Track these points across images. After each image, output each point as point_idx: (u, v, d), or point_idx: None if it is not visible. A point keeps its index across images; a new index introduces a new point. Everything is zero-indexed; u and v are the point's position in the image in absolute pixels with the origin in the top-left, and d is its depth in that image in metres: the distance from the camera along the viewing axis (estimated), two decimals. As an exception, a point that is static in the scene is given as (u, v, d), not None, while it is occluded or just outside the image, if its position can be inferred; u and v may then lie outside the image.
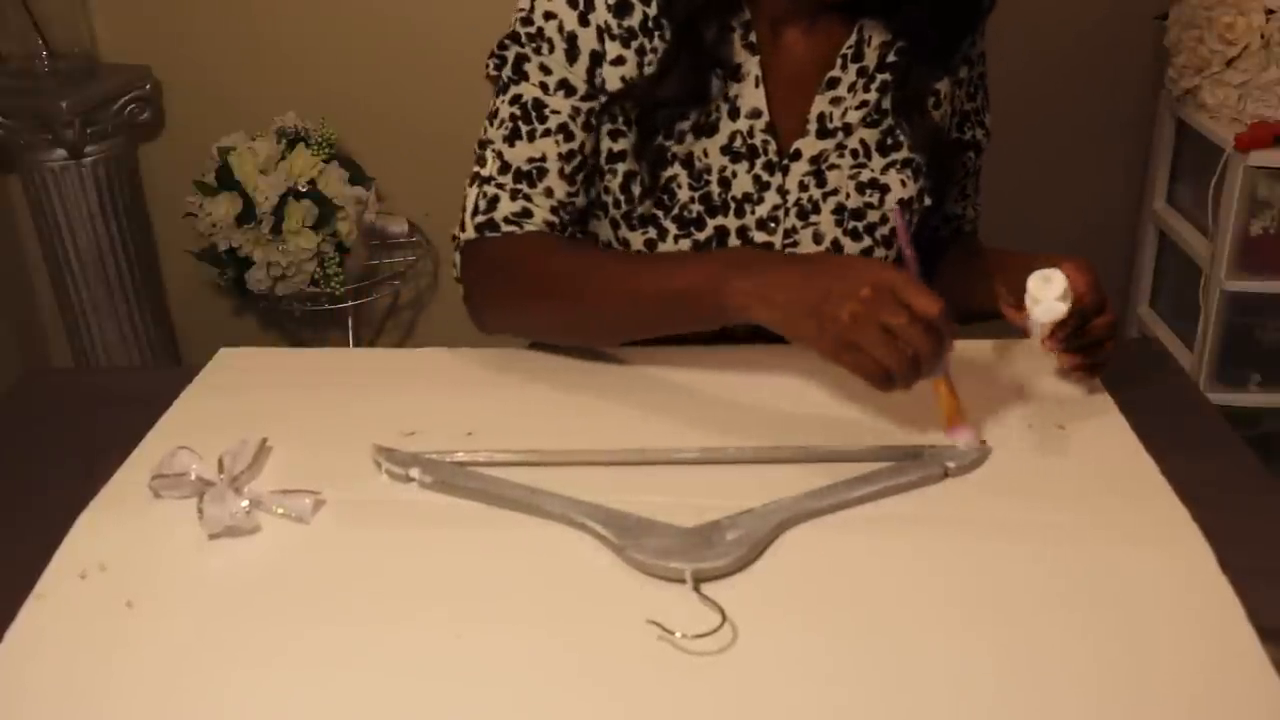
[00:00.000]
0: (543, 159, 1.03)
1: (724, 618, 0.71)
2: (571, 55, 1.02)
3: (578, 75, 1.02)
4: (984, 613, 0.73)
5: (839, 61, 1.05)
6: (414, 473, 0.87)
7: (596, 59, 1.02)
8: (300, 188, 1.96)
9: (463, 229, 1.06)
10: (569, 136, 1.03)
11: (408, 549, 0.80)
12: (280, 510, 0.83)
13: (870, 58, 1.06)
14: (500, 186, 1.04)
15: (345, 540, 0.82)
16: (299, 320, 2.26)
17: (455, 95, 2.11)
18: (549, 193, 1.04)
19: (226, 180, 1.97)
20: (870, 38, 1.05)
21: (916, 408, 0.96)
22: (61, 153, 2.00)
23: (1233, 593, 0.73)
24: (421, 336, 2.35)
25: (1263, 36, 1.76)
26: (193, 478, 0.85)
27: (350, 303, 2.08)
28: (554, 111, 1.03)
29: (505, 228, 1.03)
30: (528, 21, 1.03)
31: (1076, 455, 0.90)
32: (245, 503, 0.82)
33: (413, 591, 0.77)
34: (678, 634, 0.70)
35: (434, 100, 2.07)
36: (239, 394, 1.00)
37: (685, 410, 0.96)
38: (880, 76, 1.06)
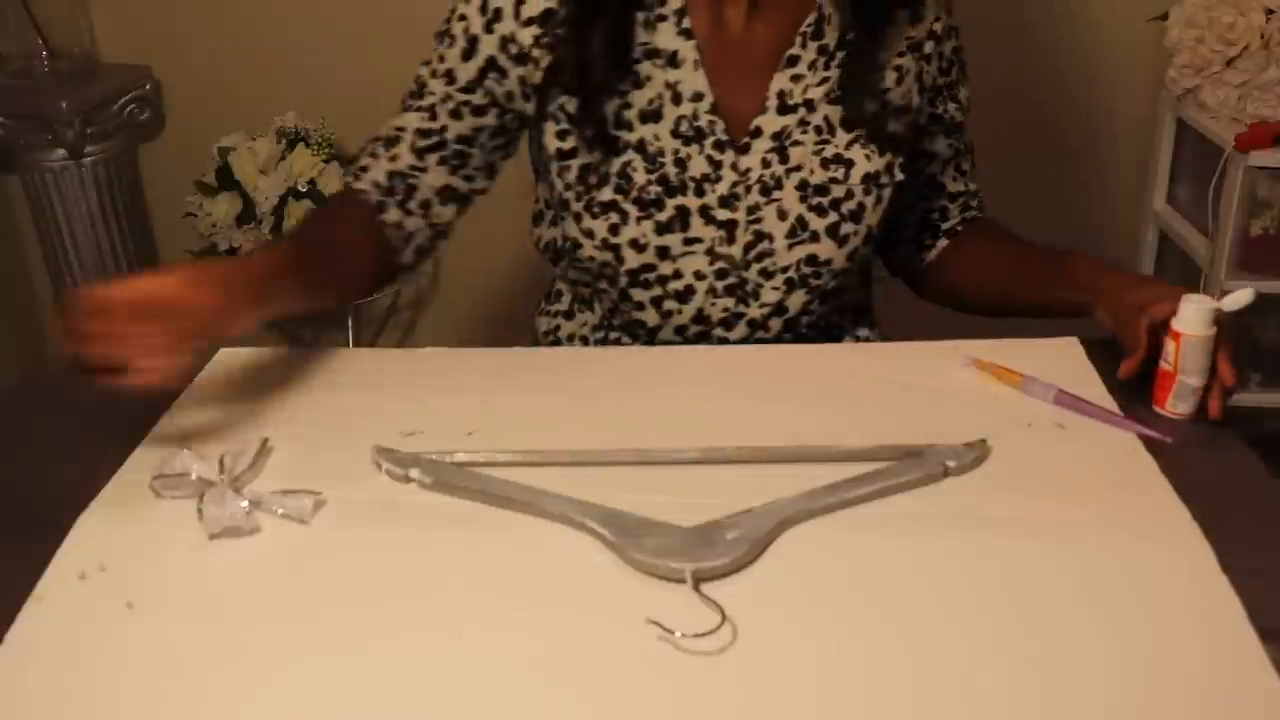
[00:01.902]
0: (402, 129, 1.12)
1: (724, 617, 0.71)
2: (468, 54, 1.08)
3: (465, 70, 1.08)
4: (984, 612, 0.73)
5: (799, 40, 1.08)
6: (414, 473, 0.87)
7: (492, 64, 1.08)
8: (300, 188, 1.96)
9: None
10: (432, 116, 1.11)
11: (408, 549, 0.80)
12: (280, 510, 0.83)
13: (831, 36, 1.08)
14: (367, 149, 1.15)
15: (345, 540, 0.82)
16: (299, 320, 2.25)
17: (455, 95, 2.10)
18: (394, 159, 1.12)
19: (226, 180, 1.97)
20: (830, 15, 1.08)
21: (916, 408, 0.96)
22: (61, 153, 2.00)
23: (1233, 593, 0.73)
24: (421, 336, 2.35)
25: (1263, 36, 1.76)
26: (193, 478, 0.85)
27: (350, 302, 2.08)
28: (429, 92, 1.11)
29: (350, 177, 1.15)
30: (446, 21, 1.10)
31: (1076, 455, 0.90)
32: (245, 503, 0.82)
33: (413, 591, 0.77)
34: (678, 634, 0.70)
35: (434, 100, 2.07)
36: (239, 394, 1.00)
37: (685, 410, 0.97)
38: (840, 54, 1.08)
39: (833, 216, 1.09)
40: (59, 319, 0.84)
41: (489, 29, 1.07)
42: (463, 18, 1.08)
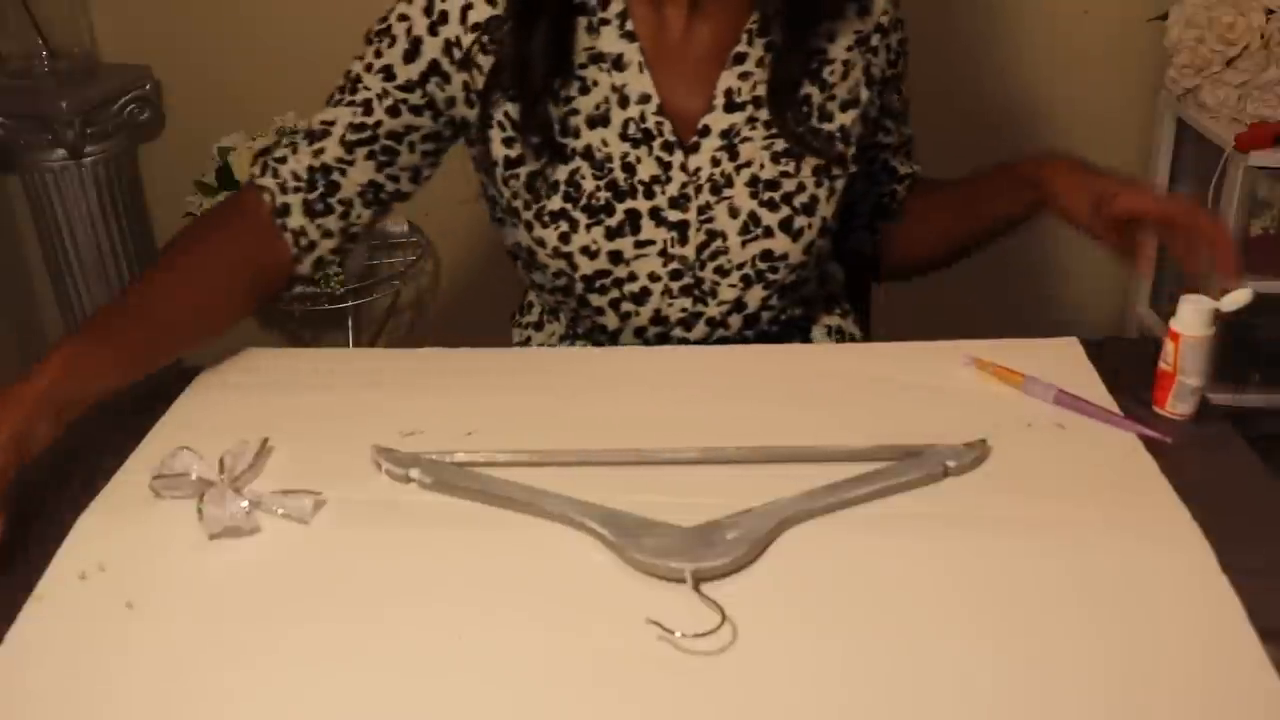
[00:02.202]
0: (333, 123, 1.09)
1: (724, 617, 0.71)
2: (410, 56, 1.07)
3: (407, 70, 1.07)
4: (983, 612, 0.73)
5: (745, 37, 1.08)
6: (414, 473, 0.87)
7: (435, 68, 1.07)
8: (300, 187, 1.96)
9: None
10: (367, 111, 1.08)
11: (408, 549, 0.80)
12: (280, 510, 0.83)
13: (777, 32, 1.08)
14: (286, 143, 1.11)
15: (345, 540, 0.82)
16: (299, 320, 2.25)
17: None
18: (318, 152, 1.09)
19: (226, 180, 1.96)
20: (775, 13, 1.07)
21: (916, 408, 0.96)
22: (61, 153, 2.00)
23: (1233, 593, 0.73)
24: (421, 336, 2.35)
25: (1263, 36, 1.76)
26: (193, 478, 0.85)
27: (350, 303, 2.08)
28: (364, 87, 1.08)
29: (257, 170, 1.10)
30: (383, 20, 1.08)
31: (1076, 454, 0.90)
32: (245, 503, 0.82)
33: (413, 591, 0.77)
34: (678, 634, 0.70)
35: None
36: (239, 394, 1.01)
37: (685, 410, 0.96)
38: (779, 43, 1.08)
39: (785, 211, 1.09)
40: None
41: (433, 31, 1.06)
42: (404, 18, 1.07)
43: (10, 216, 2.18)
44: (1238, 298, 0.92)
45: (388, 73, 1.07)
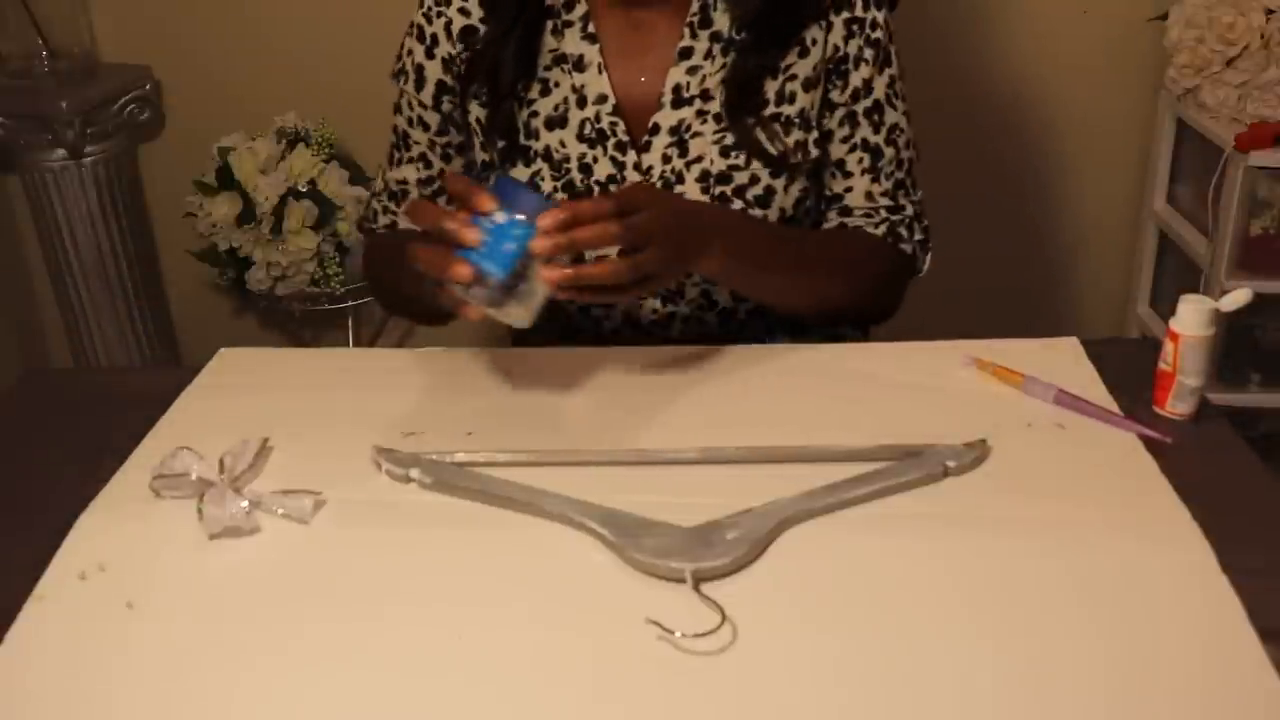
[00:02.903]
0: (405, 181, 1.18)
1: (724, 617, 0.71)
2: (419, 84, 1.14)
3: (425, 106, 1.14)
4: (983, 612, 0.73)
5: (686, 30, 1.07)
6: (414, 473, 0.87)
7: (442, 88, 1.12)
8: (300, 188, 1.96)
9: (359, 228, 1.28)
10: (427, 164, 1.17)
11: (408, 549, 0.80)
12: (280, 510, 0.83)
13: (720, 21, 1.07)
14: (379, 200, 1.20)
15: (345, 540, 0.82)
16: (299, 320, 2.25)
17: (455, 95, 2.10)
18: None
19: (226, 180, 1.97)
20: (716, 2, 1.07)
21: (916, 408, 0.96)
22: (61, 153, 2.00)
23: (1233, 593, 0.73)
24: (421, 336, 2.35)
25: (1263, 36, 1.76)
26: (193, 478, 0.85)
27: (350, 303, 2.08)
28: (415, 142, 1.16)
29: (361, 235, 1.25)
30: (398, 59, 1.14)
31: (1076, 454, 0.90)
32: (245, 503, 0.82)
33: (413, 591, 0.77)
34: (677, 633, 0.70)
35: (434, 100, 2.07)
36: (239, 394, 1.01)
37: (685, 410, 0.97)
38: (739, 38, 1.07)
39: (738, 204, 1.08)
40: None
41: (430, 55, 1.11)
42: (410, 51, 1.13)
43: (10, 216, 2.18)
44: (1237, 298, 0.92)
45: (423, 124, 1.14)
